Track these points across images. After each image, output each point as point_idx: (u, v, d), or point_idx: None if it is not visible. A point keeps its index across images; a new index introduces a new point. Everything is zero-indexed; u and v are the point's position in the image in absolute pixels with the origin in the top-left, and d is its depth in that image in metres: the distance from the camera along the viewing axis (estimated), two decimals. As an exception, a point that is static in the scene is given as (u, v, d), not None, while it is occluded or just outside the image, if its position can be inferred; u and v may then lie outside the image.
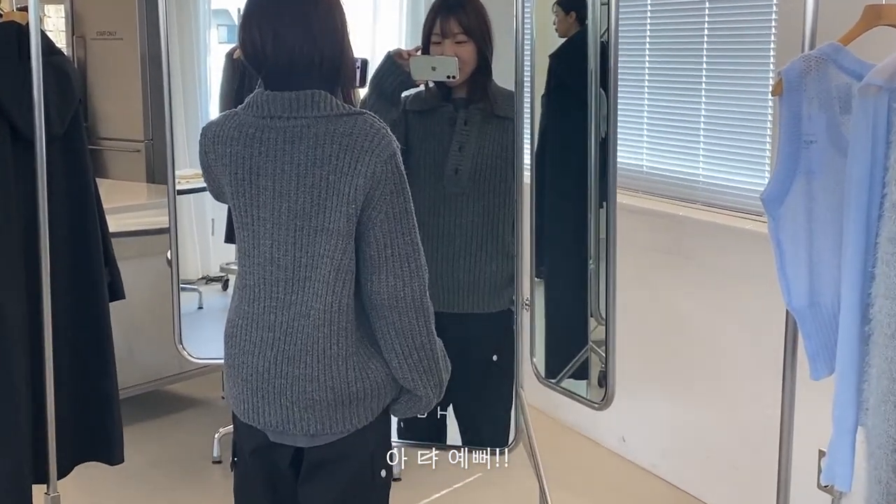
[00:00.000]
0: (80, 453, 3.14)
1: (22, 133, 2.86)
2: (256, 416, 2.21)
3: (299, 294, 2.14)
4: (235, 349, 2.23)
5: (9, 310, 2.87)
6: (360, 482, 2.25)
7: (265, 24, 2.12)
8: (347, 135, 2.08)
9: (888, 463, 1.88)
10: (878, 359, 1.88)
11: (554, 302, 3.23)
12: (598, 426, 4.37)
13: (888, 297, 1.85)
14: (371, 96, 2.98)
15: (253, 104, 2.17)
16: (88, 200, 3.09)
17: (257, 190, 2.16)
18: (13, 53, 2.87)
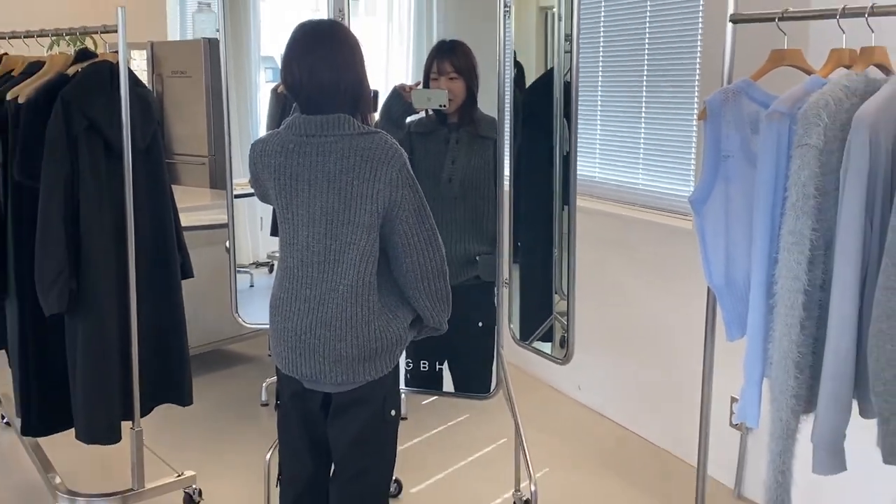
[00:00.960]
0: (159, 397, 3.08)
1: (113, 147, 2.81)
2: (295, 369, 2.22)
3: (329, 273, 2.14)
4: (278, 316, 2.22)
5: (103, 285, 2.82)
6: (376, 420, 2.25)
7: (301, 63, 2.12)
8: (367, 149, 2.09)
9: (787, 406, 1.87)
10: (779, 325, 1.86)
11: (527, 281, 3.20)
12: (559, 378, 4.34)
13: (788, 277, 1.84)
14: (381, 120, 2.95)
15: (292, 125, 2.17)
16: (164, 200, 3.03)
17: (296, 192, 2.16)
18: (107, 85, 2.81)
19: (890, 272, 1.69)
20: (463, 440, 3.76)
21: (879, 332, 1.71)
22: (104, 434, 2.88)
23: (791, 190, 1.83)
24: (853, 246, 1.77)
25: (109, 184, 2.84)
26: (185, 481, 3.16)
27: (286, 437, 2.37)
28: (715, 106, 2.09)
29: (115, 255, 2.85)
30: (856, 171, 1.74)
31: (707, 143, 2.12)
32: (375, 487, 2.32)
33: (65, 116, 2.73)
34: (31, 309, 2.85)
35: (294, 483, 2.36)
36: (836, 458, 1.86)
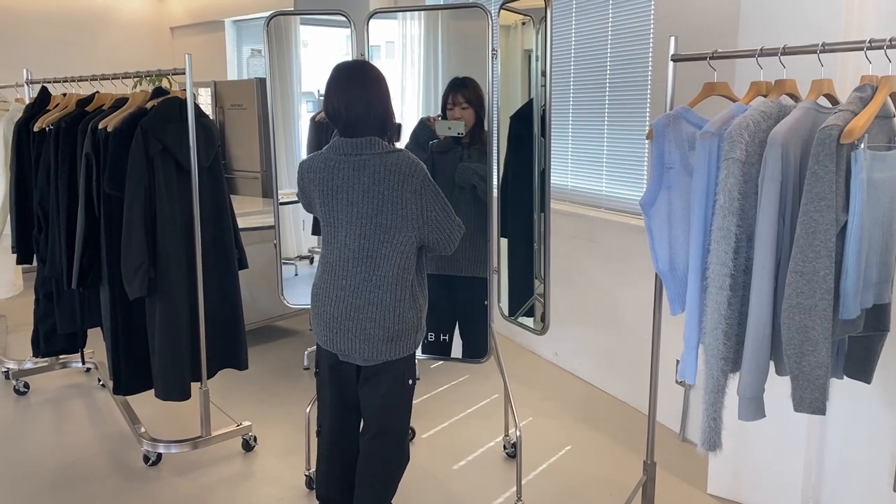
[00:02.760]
0: (221, 363, 3.07)
1: (182, 165, 2.81)
2: (332, 345, 2.21)
3: (362, 267, 2.13)
4: (319, 302, 2.21)
5: (175, 274, 2.82)
6: (397, 386, 2.25)
7: (340, 96, 2.12)
8: (394, 164, 2.09)
9: (718, 366, 1.85)
10: (711, 301, 1.84)
11: (513, 269, 3.19)
12: (540, 347, 4.33)
13: (717, 263, 1.82)
14: (410, 143, 2.95)
15: (333, 146, 2.16)
16: (224, 207, 3.01)
17: (336, 201, 2.15)
18: (176, 116, 2.81)
19: (798, 259, 1.67)
20: (463, 396, 3.74)
21: (790, 306, 1.70)
22: (176, 392, 2.88)
23: (720, 195, 1.81)
24: (769, 239, 1.75)
25: (179, 194, 2.84)
26: (243, 430, 3.17)
27: (324, 398, 2.35)
28: (659, 128, 2.06)
29: (184, 250, 2.85)
30: (771, 179, 1.73)
31: (653, 158, 2.09)
32: (396, 440, 2.31)
33: (143, 141, 2.73)
34: (119, 294, 2.85)
35: (330, 434, 2.35)
36: (756, 407, 1.84)
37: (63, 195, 3.06)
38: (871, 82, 1.70)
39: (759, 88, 1.95)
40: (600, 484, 2.87)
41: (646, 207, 2.11)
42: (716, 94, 2.09)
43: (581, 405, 3.64)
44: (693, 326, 1.92)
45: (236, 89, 6.19)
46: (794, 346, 1.70)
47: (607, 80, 3.75)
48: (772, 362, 1.86)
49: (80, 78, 3.33)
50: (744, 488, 2.74)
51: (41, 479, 2.92)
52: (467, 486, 2.87)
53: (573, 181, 4.11)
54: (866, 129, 1.60)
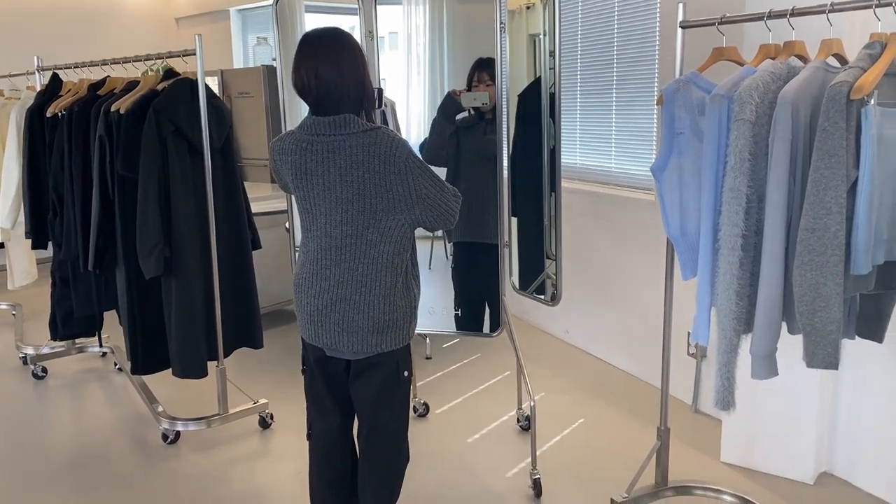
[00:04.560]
0: (237, 341, 3.10)
1: (195, 146, 2.84)
2: (317, 339, 2.04)
3: (347, 255, 1.96)
4: (302, 293, 2.04)
5: (190, 254, 2.85)
6: (390, 381, 2.08)
7: (309, 68, 1.91)
8: (373, 144, 1.90)
9: (730, 326, 1.87)
10: (723, 263, 1.85)
11: (525, 246, 3.21)
12: (551, 324, 4.34)
13: (729, 224, 1.83)
14: (439, 116, 2.97)
15: (304, 125, 1.97)
16: (236, 187, 3.03)
17: (311, 185, 1.97)
18: (188, 97, 2.84)
19: (809, 216, 1.69)
20: (476, 373, 3.77)
21: (802, 263, 1.71)
22: (194, 370, 2.91)
23: (730, 156, 1.82)
24: (780, 199, 1.77)
25: (192, 175, 2.86)
26: (260, 407, 3.20)
27: (314, 397, 2.18)
28: (669, 93, 2.07)
29: (198, 229, 2.87)
30: (781, 139, 1.74)
31: (663, 124, 2.10)
32: (395, 437, 2.15)
33: (156, 123, 2.76)
34: (135, 274, 2.89)
35: (325, 436, 2.19)
36: (769, 366, 1.86)
37: (77, 178, 3.09)
38: (880, 39, 1.71)
39: (768, 51, 1.96)
40: (614, 455, 2.89)
41: (657, 173, 2.12)
42: (725, 59, 2.10)
43: (593, 380, 3.67)
44: (705, 288, 1.94)
45: (243, 77, 6.20)
46: (807, 303, 1.72)
47: (615, 57, 3.75)
48: (784, 322, 1.88)
49: (90, 63, 3.36)
50: (757, 456, 2.76)
51: (62, 460, 2.97)
52: (482, 458, 2.90)
53: (582, 159, 4.12)
54: (875, 84, 1.61)
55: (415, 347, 4.05)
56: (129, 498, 2.68)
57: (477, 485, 2.71)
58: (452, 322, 3.19)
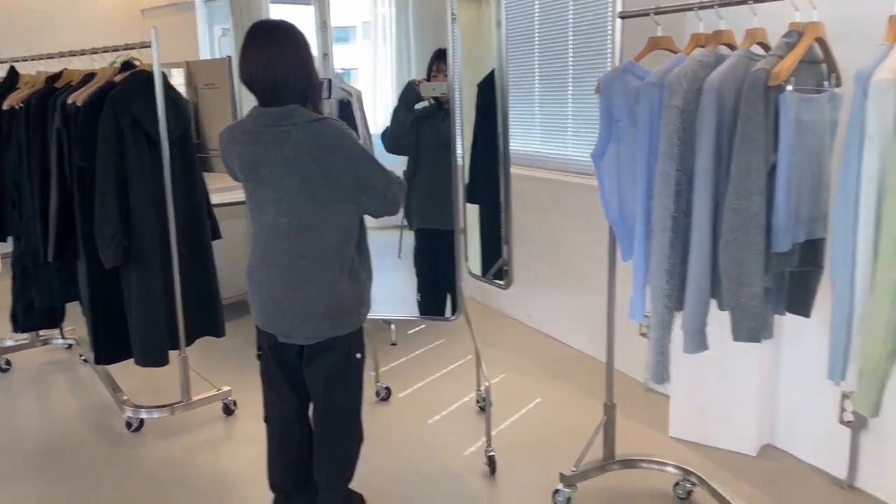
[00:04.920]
0: (199, 330, 3.12)
1: (152, 137, 2.85)
2: (270, 326, 2.10)
3: (296, 243, 1.99)
4: (254, 282, 2.09)
5: (149, 243, 2.87)
6: (343, 363, 2.13)
7: (254, 59, 1.94)
8: (319, 135, 1.93)
9: (662, 304, 1.95)
10: (655, 243, 1.93)
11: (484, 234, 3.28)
12: (514, 309, 4.42)
13: (660, 206, 1.91)
14: (399, 106, 3.03)
15: (252, 116, 2.00)
16: (195, 178, 3.05)
17: (259, 175, 1.99)
18: (145, 89, 2.84)
19: (732, 197, 1.78)
20: (439, 358, 3.84)
21: (727, 242, 1.80)
22: (155, 359, 2.95)
23: (661, 141, 1.89)
24: (707, 181, 1.85)
25: (150, 165, 2.88)
26: (223, 394, 3.25)
27: (269, 381, 2.23)
28: (606, 82, 2.14)
29: (157, 219, 2.90)
30: (707, 124, 1.82)
31: (602, 111, 2.17)
32: (348, 416, 2.21)
33: (112, 114, 2.79)
34: (97, 265, 2.89)
35: (281, 419, 2.24)
36: (700, 340, 1.95)
37: (35, 170, 3.11)
38: (797, 28, 1.80)
39: (699, 40, 2.04)
40: (567, 431, 2.99)
41: (596, 159, 2.20)
42: (660, 48, 2.17)
43: (553, 362, 3.76)
44: (640, 268, 2.03)
45: (209, 69, 6.17)
46: (732, 280, 1.81)
47: (570, 46, 3.83)
48: (715, 301, 1.97)
49: (48, 56, 3.36)
50: (703, 431, 2.87)
51: (27, 450, 3.00)
52: (441, 439, 2.98)
53: (541, 147, 4.20)
54: (791, 71, 1.70)
55: (380, 334, 4.13)
56: (95, 485, 2.72)
57: (435, 464, 2.79)
58: (416, 308, 3.28)
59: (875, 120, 1.50)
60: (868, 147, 1.51)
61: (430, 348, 3.99)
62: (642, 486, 2.58)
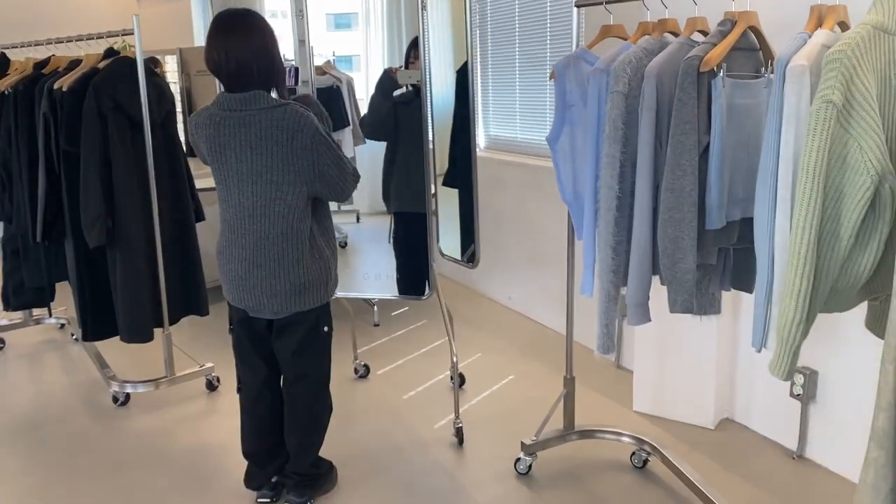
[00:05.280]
0: (183, 309, 3.23)
1: (135, 121, 2.96)
2: (239, 301, 2.20)
3: (259, 224, 2.10)
4: (223, 260, 2.20)
5: (132, 223, 2.98)
6: (311, 335, 2.26)
7: (220, 46, 2.02)
8: (281, 119, 2.02)
9: (608, 279, 2.05)
10: (601, 221, 2.03)
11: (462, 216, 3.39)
12: (495, 292, 4.53)
13: (605, 187, 2.01)
14: (376, 94, 3.13)
15: (218, 101, 2.09)
16: (179, 161, 3.15)
17: (225, 158, 2.09)
18: (128, 74, 2.94)
19: (669, 177, 1.88)
20: (418, 338, 3.97)
21: (664, 220, 1.91)
22: (139, 335, 3.07)
23: (606, 125, 1.99)
24: (648, 162, 1.95)
25: (134, 149, 2.99)
26: (206, 370, 3.37)
27: (241, 353, 2.34)
28: (560, 68, 2.24)
29: (140, 200, 3.01)
30: (648, 108, 1.92)
31: (556, 96, 2.26)
32: (316, 386, 2.34)
33: (95, 99, 2.89)
34: (82, 245, 3.03)
35: (253, 388, 2.35)
36: (643, 313, 2.06)
37: (24, 154, 3.23)
38: (732, 17, 1.90)
39: (646, 28, 2.14)
40: (535, 405, 3.11)
41: (551, 143, 2.30)
42: (612, 36, 2.27)
43: (529, 342, 3.88)
44: (589, 245, 2.13)
45: (202, 55, 6.30)
46: (668, 255, 1.92)
47: (548, 34, 3.92)
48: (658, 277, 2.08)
49: (36, 43, 3.47)
50: (664, 405, 2.99)
51: (20, 422, 3.14)
52: (416, 412, 3.11)
53: (521, 133, 4.30)
54: (722, 58, 1.80)
55: (364, 315, 4.26)
56: (80, 453, 2.86)
57: (406, 435, 2.92)
58: (395, 287, 3.40)
59: (791, 103, 1.60)
60: (785, 128, 1.62)
61: (410, 329, 4.11)
62: (601, 455, 2.70)
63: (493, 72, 4.45)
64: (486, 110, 4.59)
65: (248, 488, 2.46)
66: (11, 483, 2.66)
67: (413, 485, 2.56)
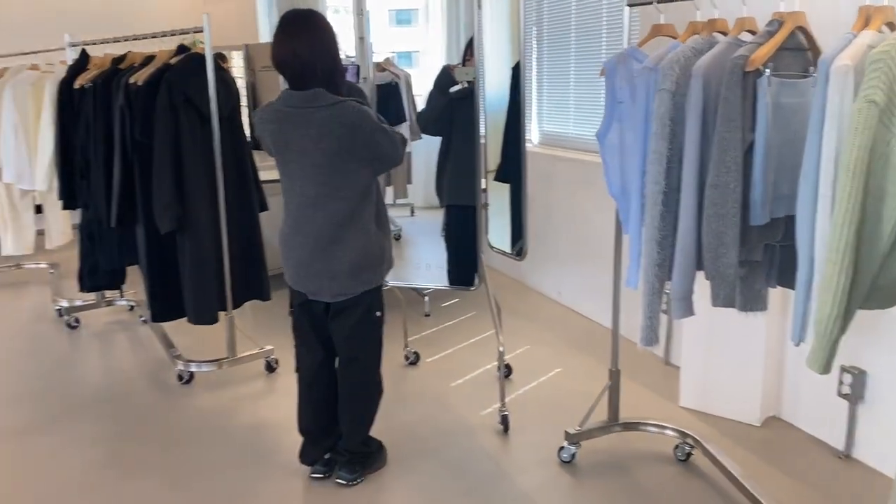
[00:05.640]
0: (246, 294, 3.40)
1: (204, 114, 3.13)
2: (300, 285, 2.36)
3: (321, 212, 2.24)
4: (286, 247, 2.34)
5: (201, 211, 3.16)
6: (364, 320, 2.39)
7: (285, 46, 2.17)
8: (341, 115, 2.15)
9: (653, 272, 2.11)
10: (648, 216, 2.09)
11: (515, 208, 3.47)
12: (546, 286, 4.59)
13: (652, 182, 2.06)
14: (434, 90, 3.23)
15: (283, 98, 2.23)
16: (244, 153, 3.32)
17: (289, 151, 2.22)
18: (198, 70, 3.11)
19: (713, 174, 1.93)
20: (467, 329, 4.07)
21: (708, 216, 1.96)
22: (206, 317, 3.26)
23: (654, 122, 2.05)
24: (694, 158, 2.00)
25: (202, 140, 3.16)
26: (266, 353, 3.54)
27: (300, 334, 2.49)
28: (610, 66, 2.30)
29: (208, 190, 3.19)
30: (694, 106, 1.97)
31: (606, 93, 2.33)
32: (367, 368, 2.47)
33: (168, 93, 3.08)
34: (153, 231, 3.21)
35: (310, 367, 2.49)
36: (686, 306, 2.11)
37: (101, 144, 3.44)
38: (779, 18, 1.93)
39: (695, 28, 2.18)
40: (580, 397, 3.18)
41: (600, 138, 2.37)
42: (662, 35, 2.32)
43: (577, 336, 3.94)
44: (635, 239, 2.20)
45: (266, 52, 6.48)
46: (712, 250, 1.97)
47: (604, 31, 3.96)
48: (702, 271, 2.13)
49: (114, 40, 3.69)
50: (711, 401, 3.02)
51: (91, 395, 3.36)
52: (463, 399, 3.21)
53: (575, 129, 4.35)
54: (768, 58, 1.84)
55: (415, 306, 4.38)
56: (149, 426, 3.05)
57: (453, 420, 3.02)
58: (445, 278, 3.51)
59: (834, 102, 1.64)
60: (828, 127, 1.65)
61: (460, 320, 4.22)
62: (644, 448, 2.76)
63: (549, 68, 4.51)
64: (541, 106, 4.65)
65: (302, 463, 2.60)
66: (86, 450, 2.87)
67: (459, 467, 2.66)
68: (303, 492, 2.54)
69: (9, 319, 4.42)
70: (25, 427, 3.07)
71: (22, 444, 2.93)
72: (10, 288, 5.09)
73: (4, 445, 2.93)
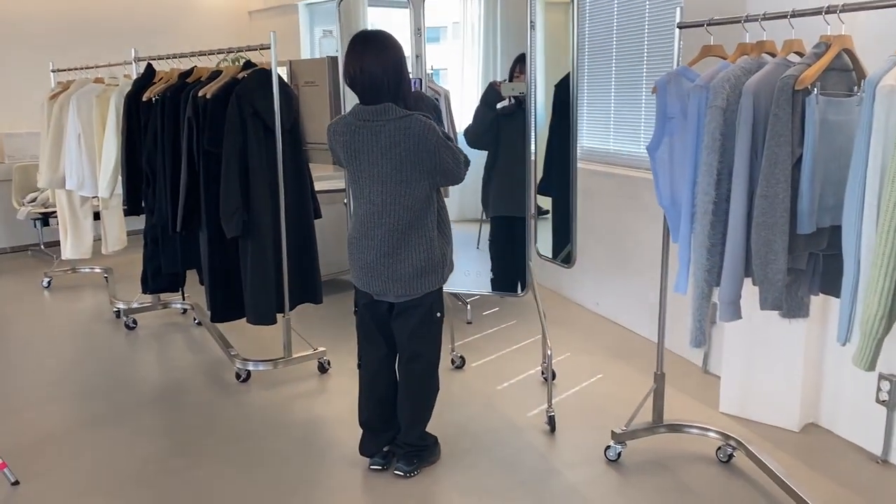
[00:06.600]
0: (300, 297, 3.58)
1: (269, 127, 3.32)
2: (367, 286, 2.52)
3: (387, 218, 2.40)
4: (354, 250, 2.50)
5: (263, 217, 3.34)
6: (425, 319, 2.55)
7: (356, 63, 2.32)
8: (408, 128, 2.32)
9: (702, 277, 2.25)
10: (698, 225, 2.23)
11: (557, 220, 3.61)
12: (583, 297, 4.71)
13: (702, 193, 2.21)
14: (481, 105, 3.38)
15: (354, 112, 2.40)
16: (302, 164, 3.52)
17: (359, 161, 2.39)
18: (265, 85, 3.32)
19: (763, 185, 2.07)
20: (510, 335, 4.21)
21: (758, 224, 2.10)
22: (265, 318, 3.43)
23: (705, 136, 2.19)
24: (743, 171, 2.15)
25: (266, 150, 3.36)
26: (319, 354, 3.71)
27: (364, 332, 2.66)
28: (662, 84, 2.44)
29: (271, 196, 3.38)
30: (744, 122, 2.12)
31: (657, 109, 2.46)
32: (427, 365, 2.62)
33: (238, 106, 3.28)
34: (216, 236, 3.42)
35: (372, 363, 2.66)
36: (734, 311, 2.24)
37: (168, 154, 3.65)
38: (826, 41, 2.08)
39: (745, 49, 2.33)
40: (624, 402, 3.30)
41: (651, 151, 2.51)
42: (711, 55, 2.46)
43: (616, 345, 4.06)
44: (685, 246, 2.33)
45: (309, 67, 6.65)
46: (761, 257, 2.11)
47: (645, 51, 4.11)
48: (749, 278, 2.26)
49: (178, 55, 3.92)
50: (750, 407, 3.13)
51: (151, 392, 3.55)
52: (508, 401, 3.35)
53: (615, 144, 4.50)
54: (816, 78, 1.99)
55: (457, 313, 4.53)
56: (208, 421, 3.23)
57: (501, 420, 3.16)
58: (489, 284, 3.66)
59: (880, 119, 1.78)
60: (874, 141, 1.79)
61: (501, 328, 4.36)
62: (687, 449, 2.88)
63: (589, 86, 4.67)
64: (581, 122, 4.80)
65: (362, 455, 2.76)
66: (156, 440, 3.05)
67: (510, 462, 2.80)
68: (362, 482, 2.69)
69: (70, 320, 4.64)
70: (99, 419, 3.26)
71: (97, 435, 3.11)
72: (67, 291, 5.33)
73: (83, 435, 3.12)
